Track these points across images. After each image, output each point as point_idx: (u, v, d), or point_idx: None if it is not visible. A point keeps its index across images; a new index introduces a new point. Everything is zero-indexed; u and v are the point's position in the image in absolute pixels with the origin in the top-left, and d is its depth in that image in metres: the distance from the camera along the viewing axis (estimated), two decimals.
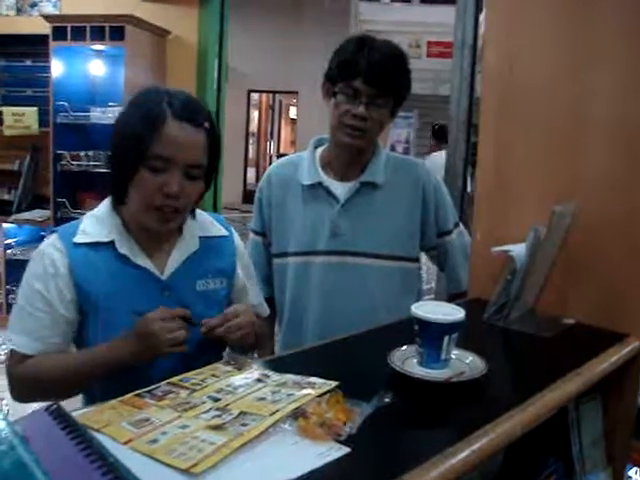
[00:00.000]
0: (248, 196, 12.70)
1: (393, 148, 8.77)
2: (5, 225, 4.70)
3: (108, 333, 1.25)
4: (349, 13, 10.67)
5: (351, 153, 1.68)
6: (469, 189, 2.97)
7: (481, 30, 2.67)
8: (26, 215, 4.71)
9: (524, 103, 1.49)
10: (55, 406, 0.78)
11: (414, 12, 10.54)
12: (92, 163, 4.47)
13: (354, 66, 1.58)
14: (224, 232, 1.45)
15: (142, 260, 1.31)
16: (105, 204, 1.35)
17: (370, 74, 1.57)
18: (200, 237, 1.39)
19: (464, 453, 0.79)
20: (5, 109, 4.80)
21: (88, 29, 4.32)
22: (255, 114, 15.43)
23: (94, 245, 1.28)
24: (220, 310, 1.32)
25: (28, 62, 5.00)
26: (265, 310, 1.57)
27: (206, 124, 1.27)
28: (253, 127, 15.12)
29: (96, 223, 1.31)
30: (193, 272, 1.35)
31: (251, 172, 14.35)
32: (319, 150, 1.79)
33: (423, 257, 1.83)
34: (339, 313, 1.65)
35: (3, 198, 4.92)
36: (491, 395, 1.01)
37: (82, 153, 4.49)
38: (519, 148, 1.50)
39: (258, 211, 1.81)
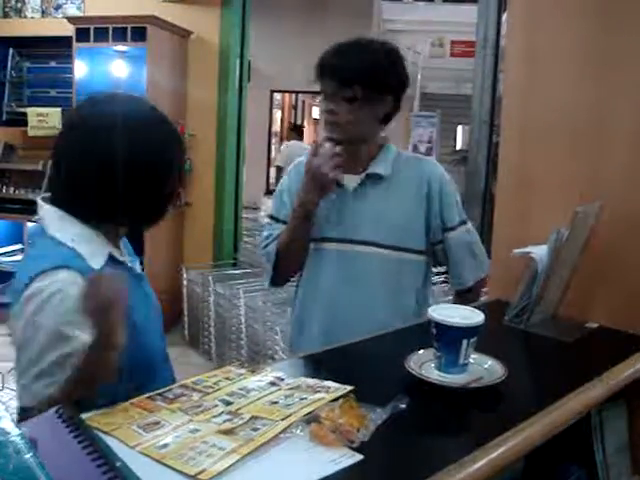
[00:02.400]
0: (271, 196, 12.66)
1: (416, 148, 8.69)
2: (29, 224, 4.74)
3: (142, 339, 1.19)
4: (372, 13, 10.62)
5: (346, 147, 1.70)
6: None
7: (504, 29, 2.63)
8: None
9: (546, 103, 1.46)
10: (64, 409, 0.78)
11: (437, 11, 10.45)
12: None
13: (321, 66, 1.68)
14: None
15: (126, 260, 1.27)
16: (72, 225, 1.18)
17: (331, 69, 1.66)
18: None
19: (481, 462, 0.76)
20: (29, 110, 4.86)
21: (110, 30, 4.36)
22: (278, 114, 15.46)
23: (106, 264, 1.19)
24: None
25: (52, 63, 5.06)
26: None
27: None
28: (276, 127, 15.15)
29: (90, 244, 1.19)
30: (133, 257, 1.34)
31: (274, 172, 14.35)
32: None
33: None
34: (343, 297, 1.72)
35: (27, 198, 4.96)
36: (510, 401, 0.98)
37: None
38: (541, 148, 1.47)
39: (279, 198, 1.86)
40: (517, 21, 1.56)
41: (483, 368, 1.03)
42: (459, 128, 9.70)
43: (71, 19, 4.57)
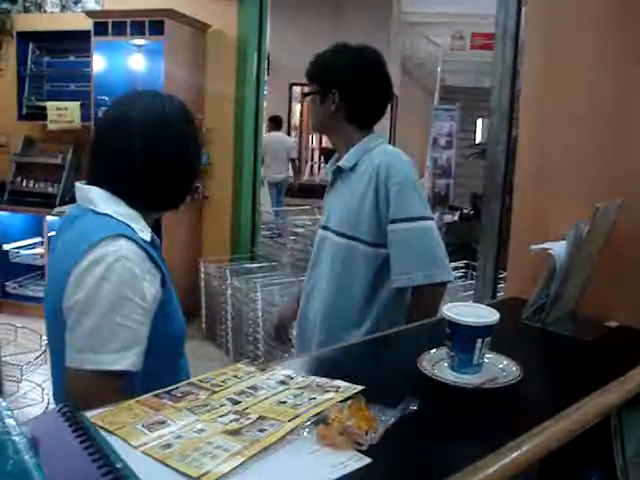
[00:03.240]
0: (289, 188, 12.66)
1: (435, 141, 8.60)
2: (49, 217, 4.78)
3: (168, 311, 1.28)
4: (391, 6, 10.55)
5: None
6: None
7: (524, 20, 2.58)
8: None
9: (566, 96, 1.42)
10: (67, 407, 0.76)
11: (458, 3, 10.34)
12: None
13: None
14: None
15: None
16: (119, 205, 1.28)
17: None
18: None
19: (495, 467, 0.74)
20: (49, 104, 4.89)
21: (128, 24, 4.36)
22: (297, 107, 15.44)
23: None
24: None
25: (71, 57, 5.08)
26: None
27: None
28: (295, 120, 15.13)
29: (138, 222, 1.28)
30: None
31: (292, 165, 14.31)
32: None
33: None
34: (316, 276, 1.92)
35: (47, 191, 5.00)
36: (526, 403, 0.96)
37: None
38: (560, 142, 1.43)
39: None
40: (537, 12, 1.53)
41: (498, 368, 1.00)
42: (479, 121, 9.61)
43: (89, 13, 4.59)
